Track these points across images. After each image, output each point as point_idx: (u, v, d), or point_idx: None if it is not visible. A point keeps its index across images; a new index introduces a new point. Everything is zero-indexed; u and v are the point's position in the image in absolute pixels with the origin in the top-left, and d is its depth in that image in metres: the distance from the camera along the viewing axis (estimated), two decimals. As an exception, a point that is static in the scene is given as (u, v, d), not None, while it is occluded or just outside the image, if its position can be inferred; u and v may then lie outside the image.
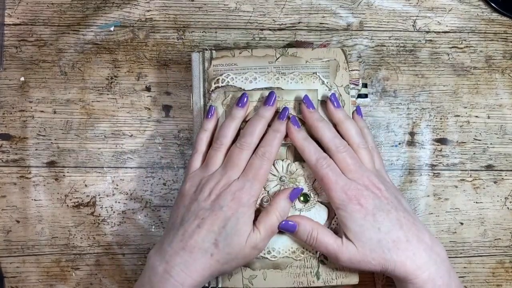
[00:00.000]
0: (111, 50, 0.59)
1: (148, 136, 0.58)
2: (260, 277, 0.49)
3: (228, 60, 0.52)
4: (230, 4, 0.59)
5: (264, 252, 0.49)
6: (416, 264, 0.45)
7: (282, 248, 0.49)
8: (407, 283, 0.45)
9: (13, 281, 0.57)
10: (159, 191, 0.58)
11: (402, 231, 0.46)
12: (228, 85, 0.52)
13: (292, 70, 0.52)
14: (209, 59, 0.52)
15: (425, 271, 0.45)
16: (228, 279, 0.50)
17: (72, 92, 0.58)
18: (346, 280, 0.50)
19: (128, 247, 0.57)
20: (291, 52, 0.52)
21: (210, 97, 0.52)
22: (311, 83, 0.51)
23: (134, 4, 0.59)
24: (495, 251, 0.58)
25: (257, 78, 0.51)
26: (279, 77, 0.51)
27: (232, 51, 0.52)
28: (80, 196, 0.58)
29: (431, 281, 0.45)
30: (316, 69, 0.52)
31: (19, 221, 0.57)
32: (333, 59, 0.52)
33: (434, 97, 0.59)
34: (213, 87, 0.52)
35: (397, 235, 0.45)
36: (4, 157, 0.58)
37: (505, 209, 0.58)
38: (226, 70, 0.52)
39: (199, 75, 0.53)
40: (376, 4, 0.60)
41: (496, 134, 0.58)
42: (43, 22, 0.59)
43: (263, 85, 0.51)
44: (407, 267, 0.45)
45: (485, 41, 0.59)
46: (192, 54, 0.53)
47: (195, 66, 0.53)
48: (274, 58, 0.52)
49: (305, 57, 0.52)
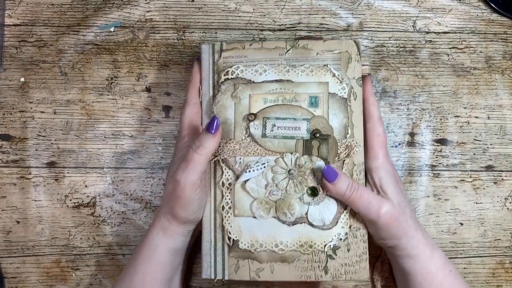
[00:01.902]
0: (111, 50, 0.59)
1: (148, 137, 0.58)
2: (268, 270, 0.49)
3: (238, 52, 0.52)
4: (230, 4, 0.59)
5: (272, 245, 0.49)
6: (424, 243, 0.49)
7: (290, 241, 0.49)
8: (413, 258, 0.48)
9: (13, 282, 0.57)
10: (159, 192, 0.58)
11: (414, 216, 0.50)
12: (238, 77, 0.51)
13: (302, 62, 0.51)
14: (219, 51, 0.52)
15: (433, 251, 0.49)
16: (235, 271, 0.49)
17: (72, 92, 0.58)
18: (356, 276, 0.49)
19: (128, 248, 0.57)
20: (301, 44, 0.51)
21: (219, 89, 0.51)
22: (322, 75, 0.51)
23: (134, 4, 0.59)
24: (495, 251, 0.58)
25: (267, 71, 0.51)
26: (289, 69, 0.51)
27: (242, 43, 0.52)
28: (80, 197, 0.58)
29: (439, 258, 0.49)
30: (327, 61, 0.51)
31: (19, 221, 0.57)
32: (344, 51, 0.51)
33: (434, 97, 0.59)
34: (223, 79, 0.51)
35: (411, 215, 0.50)
36: (4, 158, 0.58)
37: (505, 209, 0.58)
38: (236, 62, 0.52)
39: (209, 67, 0.52)
40: (376, 5, 0.60)
41: (496, 135, 0.58)
42: (43, 22, 0.59)
43: (273, 78, 0.51)
44: (420, 243, 0.48)
45: (485, 41, 0.59)
46: (202, 45, 0.52)
47: (205, 58, 0.52)
48: (284, 50, 0.51)
49: (316, 49, 0.51)
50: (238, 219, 0.50)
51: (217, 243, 0.50)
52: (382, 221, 0.47)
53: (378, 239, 0.50)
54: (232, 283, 0.57)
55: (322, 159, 0.49)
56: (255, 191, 0.49)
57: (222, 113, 0.51)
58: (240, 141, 0.50)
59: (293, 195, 0.49)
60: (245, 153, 0.50)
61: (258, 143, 0.50)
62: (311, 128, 0.50)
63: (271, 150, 0.50)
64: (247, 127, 0.50)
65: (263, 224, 0.49)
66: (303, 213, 0.49)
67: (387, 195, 0.48)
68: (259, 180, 0.49)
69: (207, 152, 0.47)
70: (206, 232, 0.50)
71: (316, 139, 0.49)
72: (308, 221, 0.49)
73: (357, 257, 0.49)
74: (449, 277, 0.48)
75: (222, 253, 0.50)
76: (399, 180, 0.52)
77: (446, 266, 0.49)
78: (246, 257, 0.49)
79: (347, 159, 0.49)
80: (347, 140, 0.49)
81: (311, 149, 0.49)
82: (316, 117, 0.50)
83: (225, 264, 0.50)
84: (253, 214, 0.49)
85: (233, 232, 0.49)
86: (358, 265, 0.49)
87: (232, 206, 0.50)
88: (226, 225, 0.50)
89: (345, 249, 0.49)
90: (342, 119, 0.50)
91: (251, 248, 0.49)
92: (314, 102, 0.50)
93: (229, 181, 0.50)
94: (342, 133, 0.50)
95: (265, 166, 0.49)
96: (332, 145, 0.49)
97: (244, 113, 0.50)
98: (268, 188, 0.49)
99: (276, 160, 0.49)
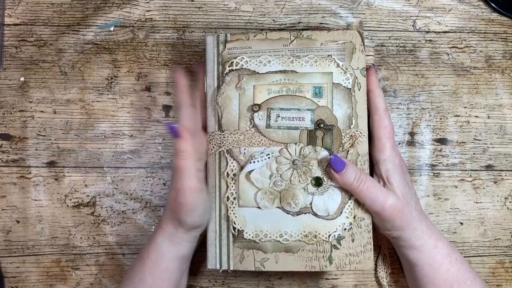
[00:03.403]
0: (111, 50, 0.59)
1: (148, 136, 0.58)
2: (272, 260, 0.49)
3: (242, 43, 0.52)
4: (230, 4, 0.59)
5: (276, 235, 0.49)
6: (427, 234, 0.49)
7: (294, 231, 0.49)
8: (417, 249, 0.49)
9: (13, 281, 0.57)
10: (159, 191, 0.58)
11: (419, 208, 0.51)
12: (242, 68, 0.51)
13: (306, 53, 0.51)
14: (223, 42, 0.52)
15: (438, 241, 0.49)
16: (240, 262, 0.49)
17: (72, 92, 0.58)
18: (360, 266, 0.49)
19: (128, 247, 0.57)
20: (306, 35, 0.51)
21: (224, 80, 0.51)
22: (326, 66, 0.50)
23: (134, 4, 0.59)
24: (495, 251, 0.58)
25: (271, 61, 0.51)
26: (293, 60, 0.51)
27: (246, 34, 0.52)
28: (80, 196, 0.58)
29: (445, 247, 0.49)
30: (331, 51, 0.51)
31: (19, 221, 0.57)
32: (349, 41, 0.51)
33: (434, 97, 0.59)
34: (227, 70, 0.51)
35: (416, 207, 0.50)
36: (4, 157, 0.58)
37: (505, 209, 0.58)
38: (240, 53, 0.51)
39: (213, 58, 0.52)
40: (376, 4, 0.60)
41: (496, 134, 0.58)
42: (43, 22, 0.59)
43: (277, 68, 0.51)
44: (424, 234, 0.49)
45: (485, 41, 0.59)
46: (207, 37, 0.52)
47: (209, 49, 0.52)
48: (288, 41, 0.51)
49: (320, 39, 0.51)
50: (243, 209, 0.50)
51: (222, 233, 0.50)
52: (386, 214, 0.47)
53: (383, 230, 0.50)
54: (232, 283, 0.57)
55: (326, 149, 0.49)
56: (260, 181, 0.49)
57: (227, 104, 0.51)
58: (244, 131, 0.50)
59: (298, 186, 0.49)
60: (250, 144, 0.50)
61: (262, 134, 0.50)
62: (315, 118, 0.50)
63: (276, 140, 0.50)
64: (251, 118, 0.50)
65: (268, 215, 0.49)
66: (307, 203, 0.49)
67: (393, 186, 0.48)
68: (264, 170, 0.49)
69: (189, 155, 0.46)
70: (211, 222, 0.50)
71: (320, 129, 0.49)
72: (312, 211, 0.49)
73: (361, 247, 0.49)
74: (455, 265, 0.49)
75: (227, 244, 0.50)
76: (406, 172, 0.52)
77: (451, 254, 0.49)
78: (251, 247, 0.49)
79: (351, 149, 0.49)
80: (351, 130, 0.49)
81: (315, 139, 0.49)
82: (320, 108, 0.50)
83: (230, 255, 0.50)
84: (257, 204, 0.49)
85: (238, 223, 0.50)
86: (363, 255, 0.49)
87: (236, 197, 0.50)
88: (231, 216, 0.50)
89: (350, 239, 0.49)
90: (346, 109, 0.50)
91: (255, 238, 0.49)
92: (318, 93, 0.50)
93: (234, 172, 0.50)
94: (346, 123, 0.50)
95: (270, 156, 0.49)
96: (336, 135, 0.49)
97: (249, 104, 0.50)
98: (273, 179, 0.49)
99: (280, 150, 0.49)
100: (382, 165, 0.49)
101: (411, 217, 0.48)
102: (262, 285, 0.57)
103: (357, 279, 0.57)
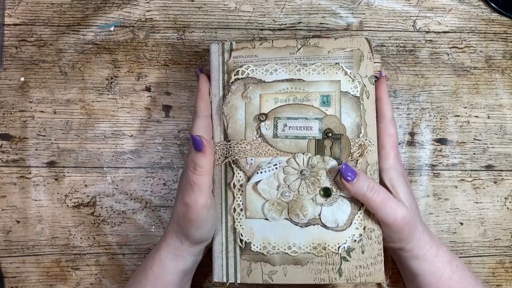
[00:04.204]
0: (111, 50, 0.59)
1: (148, 136, 0.58)
2: (280, 272, 0.48)
3: (248, 52, 0.51)
4: (230, 4, 0.59)
5: (285, 247, 0.48)
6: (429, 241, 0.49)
7: (303, 243, 0.48)
8: (419, 259, 0.48)
9: (13, 281, 0.57)
10: (159, 191, 0.58)
11: (420, 217, 0.51)
12: (248, 76, 0.50)
13: (313, 61, 0.50)
14: (229, 51, 0.51)
15: (439, 249, 0.49)
16: (247, 274, 0.48)
17: (72, 92, 0.58)
18: (371, 278, 0.47)
19: (128, 247, 0.57)
20: (313, 43, 0.50)
21: (229, 89, 0.50)
22: (333, 74, 0.49)
23: (134, 4, 0.59)
24: (495, 251, 0.58)
25: (277, 70, 0.50)
26: (300, 68, 0.50)
27: (252, 42, 0.51)
28: (80, 196, 0.58)
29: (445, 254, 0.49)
30: (339, 59, 0.50)
31: (19, 221, 0.57)
32: (356, 48, 0.50)
33: (434, 97, 0.59)
34: (233, 78, 0.50)
35: (419, 217, 0.50)
36: (4, 157, 0.58)
37: (505, 209, 0.58)
38: (246, 62, 0.51)
39: (218, 66, 0.51)
40: (376, 4, 0.60)
41: (496, 134, 0.58)
42: (43, 22, 0.59)
43: (284, 77, 0.50)
44: (426, 243, 0.48)
45: (485, 41, 0.59)
46: (211, 45, 0.51)
47: (214, 57, 0.51)
48: (295, 49, 0.50)
49: (327, 47, 0.50)
50: (250, 221, 0.49)
51: (228, 245, 0.49)
52: (397, 226, 0.46)
53: (386, 242, 0.49)
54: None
55: (335, 159, 0.48)
56: (267, 192, 0.48)
57: (233, 114, 0.50)
58: (251, 141, 0.49)
59: (306, 196, 0.48)
60: (256, 154, 0.49)
61: (269, 144, 0.49)
62: (323, 127, 0.49)
63: (283, 150, 0.49)
64: (258, 127, 0.49)
65: (275, 226, 0.48)
66: (316, 214, 0.48)
67: (399, 196, 0.48)
68: (271, 181, 0.48)
69: (206, 171, 0.45)
70: (218, 234, 0.49)
71: (328, 139, 0.48)
72: (321, 222, 0.48)
73: (372, 258, 0.47)
74: (457, 271, 0.48)
75: (234, 256, 0.49)
76: (408, 182, 0.51)
77: (452, 261, 0.49)
78: (259, 259, 0.48)
79: (361, 158, 0.48)
80: (360, 139, 0.48)
81: (324, 149, 0.48)
82: (328, 116, 0.49)
83: (237, 267, 0.49)
84: (265, 215, 0.48)
85: (245, 234, 0.49)
86: (373, 267, 0.47)
87: (243, 208, 0.49)
88: (237, 227, 0.49)
89: (360, 250, 0.48)
90: (355, 118, 0.49)
91: (263, 250, 0.48)
92: (326, 101, 0.49)
93: (241, 183, 0.49)
94: (355, 132, 0.49)
95: (277, 167, 0.48)
96: (345, 144, 0.48)
97: (255, 113, 0.49)
98: (280, 189, 0.48)
99: (288, 160, 0.48)
100: (385, 173, 0.49)
101: (416, 228, 0.47)
102: None
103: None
